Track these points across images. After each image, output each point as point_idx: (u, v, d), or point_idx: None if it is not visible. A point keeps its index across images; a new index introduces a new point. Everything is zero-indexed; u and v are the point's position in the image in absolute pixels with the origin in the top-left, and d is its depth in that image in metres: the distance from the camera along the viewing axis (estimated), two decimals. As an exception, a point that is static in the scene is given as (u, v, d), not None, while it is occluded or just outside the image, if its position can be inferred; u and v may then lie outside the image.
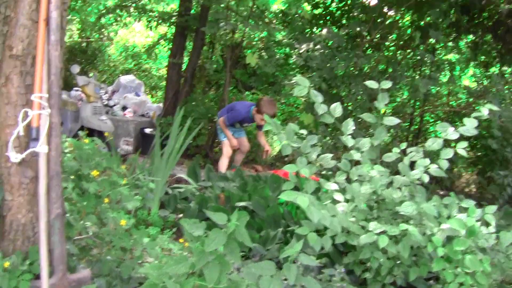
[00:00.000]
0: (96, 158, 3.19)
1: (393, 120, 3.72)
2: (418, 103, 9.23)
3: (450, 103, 9.22)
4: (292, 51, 8.80)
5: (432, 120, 9.69)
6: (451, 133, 3.56)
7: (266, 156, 7.35)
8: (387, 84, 3.63)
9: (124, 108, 9.70)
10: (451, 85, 8.93)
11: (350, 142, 3.71)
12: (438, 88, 8.91)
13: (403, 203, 3.28)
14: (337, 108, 3.65)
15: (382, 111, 5.84)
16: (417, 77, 8.69)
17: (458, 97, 9.33)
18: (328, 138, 7.77)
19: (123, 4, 10.76)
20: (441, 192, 7.86)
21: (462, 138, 3.57)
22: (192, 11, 9.92)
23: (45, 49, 2.62)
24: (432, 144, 3.59)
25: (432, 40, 8.23)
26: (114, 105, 9.74)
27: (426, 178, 3.59)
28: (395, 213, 3.49)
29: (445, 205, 3.48)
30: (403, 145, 3.75)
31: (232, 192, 5.00)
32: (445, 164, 3.58)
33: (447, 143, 3.65)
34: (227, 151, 7.06)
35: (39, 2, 2.60)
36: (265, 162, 8.46)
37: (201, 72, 10.31)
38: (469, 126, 3.53)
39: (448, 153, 3.60)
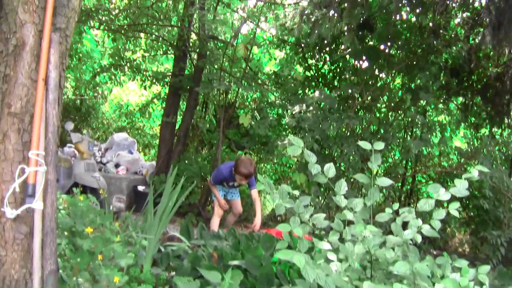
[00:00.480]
0: (90, 215, 3.20)
1: (386, 181, 3.75)
2: (410, 164, 9.32)
3: (442, 163, 9.31)
4: (284, 112, 8.92)
5: (424, 180, 9.74)
6: (443, 194, 3.58)
7: (253, 230, 6.79)
8: (380, 145, 3.68)
9: (117, 165, 9.73)
10: (442, 146, 9.04)
11: (343, 202, 3.74)
12: (430, 149, 9.00)
13: (396, 262, 3.29)
14: (330, 169, 3.70)
15: (375, 172, 5.89)
16: (408, 138, 8.80)
17: (450, 158, 9.42)
18: (320, 198, 7.80)
19: (118, 63, 10.95)
20: (434, 252, 7.84)
21: (454, 198, 3.60)
22: (186, 72, 10.10)
23: (43, 107, 2.67)
24: (424, 205, 3.62)
25: (423, 102, 8.38)
26: (107, 162, 9.78)
27: (419, 238, 3.59)
28: (389, 273, 3.49)
29: (439, 265, 3.49)
30: (396, 206, 3.78)
31: (225, 251, 4.97)
32: (437, 224, 3.59)
33: (439, 203, 3.68)
34: (217, 210, 7.02)
35: (38, 61, 2.67)
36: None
37: (194, 131, 10.42)
38: (460, 187, 3.56)
39: (441, 213, 3.61)
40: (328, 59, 9.29)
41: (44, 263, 2.60)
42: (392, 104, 8.73)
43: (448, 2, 7.35)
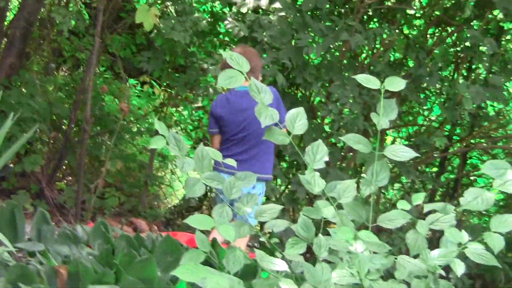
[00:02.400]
0: None
1: (403, 152, 3.59)
2: (458, 130, 9.30)
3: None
4: (225, 11, 8.88)
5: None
6: (512, 178, 3.42)
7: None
8: (399, 83, 3.52)
9: None
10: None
11: (318, 184, 3.65)
12: (503, 107, 9.04)
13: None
14: (298, 117, 3.59)
15: (388, 138, 5.86)
16: (461, 81, 8.78)
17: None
18: (280, 181, 7.83)
19: None
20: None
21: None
22: None
23: None
24: (474, 199, 3.52)
25: (498, 13, 8.35)
26: None
27: (459, 268, 3.49)
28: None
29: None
30: (418, 197, 3.69)
31: (84, 266, 4.97)
32: (498, 242, 3.43)
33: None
34: None
35: None
36: (155, 215, 8.39)
37: (44, 32, 10.25)
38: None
39: (506, 221, 3.54)
40: None
41: None
42: (436, 13, 8.72)
43: None
